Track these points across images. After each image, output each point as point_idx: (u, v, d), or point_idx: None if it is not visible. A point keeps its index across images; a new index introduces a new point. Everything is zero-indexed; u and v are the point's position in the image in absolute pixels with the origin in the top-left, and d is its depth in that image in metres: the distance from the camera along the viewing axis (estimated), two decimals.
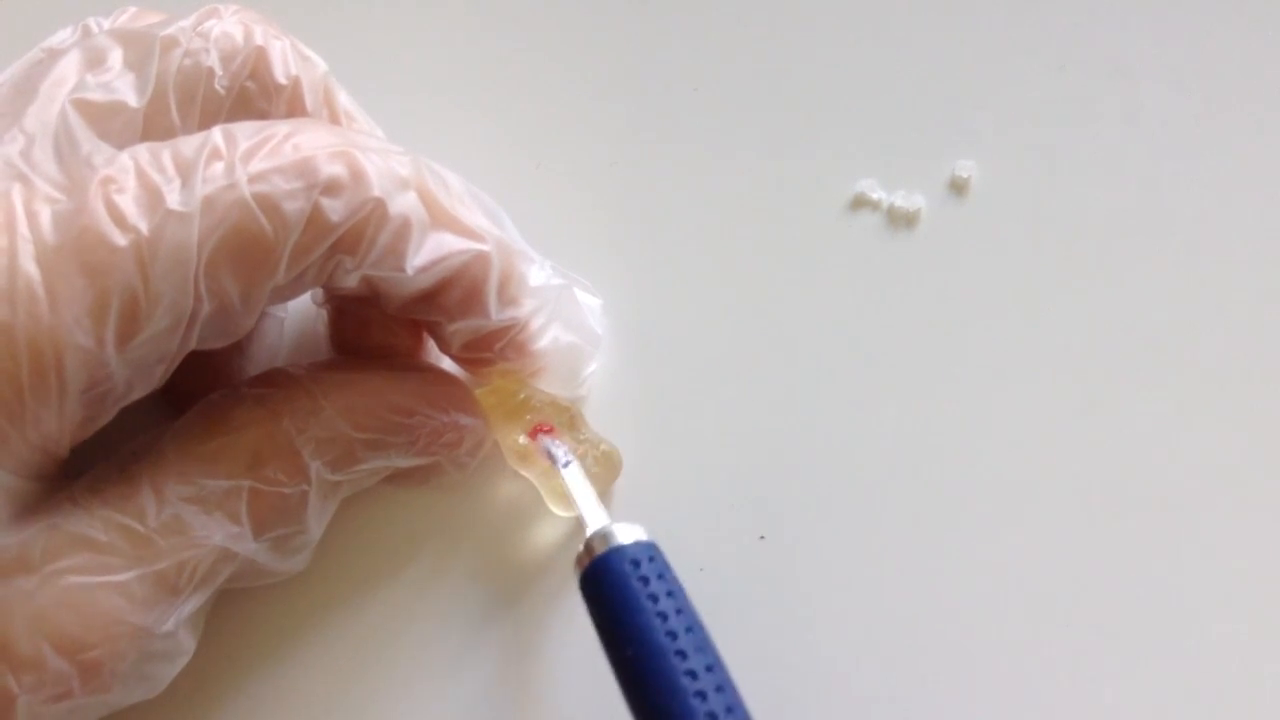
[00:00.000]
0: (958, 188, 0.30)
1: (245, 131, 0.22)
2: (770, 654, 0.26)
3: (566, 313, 0.26)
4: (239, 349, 0.27)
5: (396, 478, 0.26)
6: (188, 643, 0.23)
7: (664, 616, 0.22)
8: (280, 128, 0.22)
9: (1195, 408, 0.27)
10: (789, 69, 0.31)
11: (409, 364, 0.26)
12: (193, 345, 0.22)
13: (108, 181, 0.21)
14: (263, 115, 0.24)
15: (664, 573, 0.22)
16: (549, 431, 0.26)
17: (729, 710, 0.21)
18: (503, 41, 0.32)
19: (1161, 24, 0.31)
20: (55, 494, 0.22)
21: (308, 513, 0.23)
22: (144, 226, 0.20)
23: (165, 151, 0.21)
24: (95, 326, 0.20)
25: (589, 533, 0.23)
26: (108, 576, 0.21)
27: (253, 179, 0.21)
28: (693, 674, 0.21)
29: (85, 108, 0.22)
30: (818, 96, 0.31)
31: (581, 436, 0.26)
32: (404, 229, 0.22)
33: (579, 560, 0.23)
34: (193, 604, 0.22)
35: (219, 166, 0.21)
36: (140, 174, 0.21)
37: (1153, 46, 0.31)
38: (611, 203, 0.30)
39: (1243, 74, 0.30)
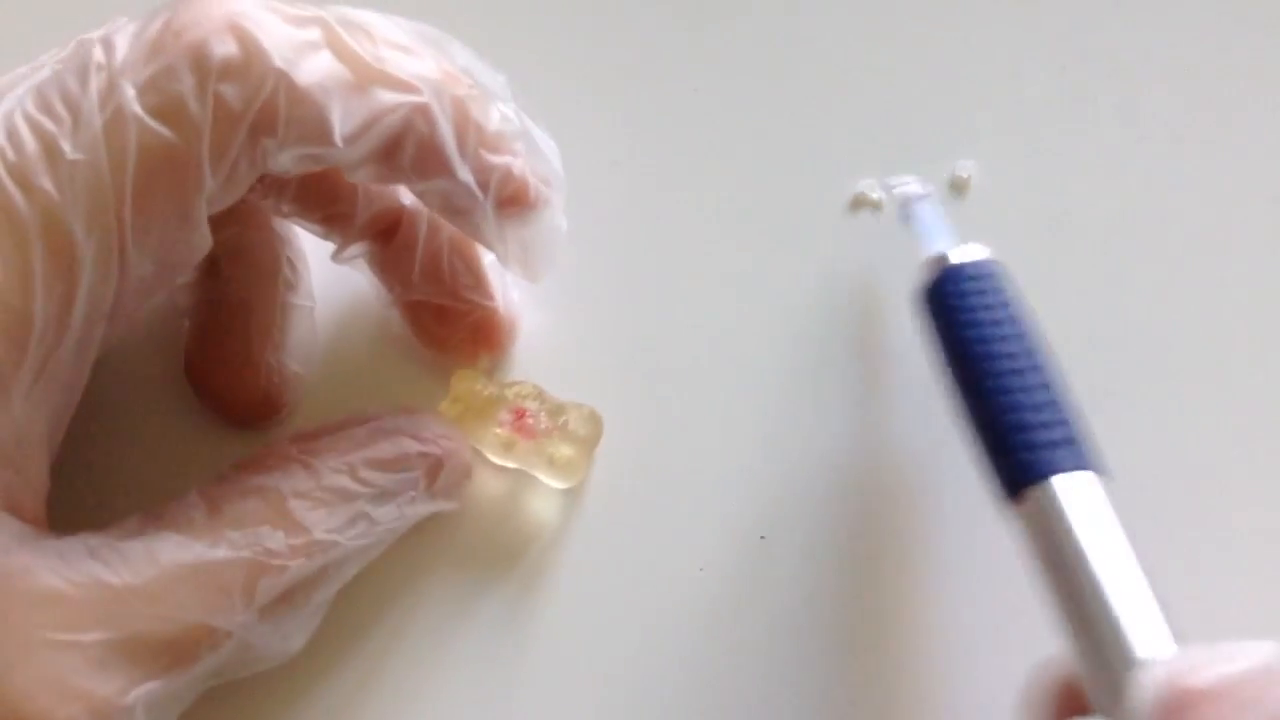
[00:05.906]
0: (958, 188, 0.30)
1: (124, 34, 0.20)
2: (770, 653, 0.25)
3: (532, 161, 0.25)
4: (269, 340, 0.26)
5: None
6: None
7: (998, 324, 0.23)
8: (160, 14, 0.20)
9: (1195, 407, 0.27)
10: (789, 69, 0.31)
11: (378, 415, 0.25)
12: (150, 286, 0.21)
13: (3, 151, 0.20)
14: None
15: (1002, 287, 0.24)
16: (524, 415, 0.26)
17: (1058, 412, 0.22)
18: (501, 42, 0.32)
19: (1161, 24, 0.31)
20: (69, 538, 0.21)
21: (312, 586, 0.22)
22: (49, 186, 0.19)
23: (52, 92, 0.20)
24: (23, 295, 0.19)
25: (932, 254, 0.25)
26: (72, 635, 0.19)
27: (143, 90, 0.20)
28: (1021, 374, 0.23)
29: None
30: (818, 96, 0.31)
31: (556, 405, 0.26)
32: (320, 96, 0.21)
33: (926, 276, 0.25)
34: (163, 685, 0.20)
35: (104, 87, 0.20)
36: (34, 125, 0.20)
37: (1153, 46, 0.31)
38: (611, 203, 0.30)
39: (1243, 74, 0.30)
